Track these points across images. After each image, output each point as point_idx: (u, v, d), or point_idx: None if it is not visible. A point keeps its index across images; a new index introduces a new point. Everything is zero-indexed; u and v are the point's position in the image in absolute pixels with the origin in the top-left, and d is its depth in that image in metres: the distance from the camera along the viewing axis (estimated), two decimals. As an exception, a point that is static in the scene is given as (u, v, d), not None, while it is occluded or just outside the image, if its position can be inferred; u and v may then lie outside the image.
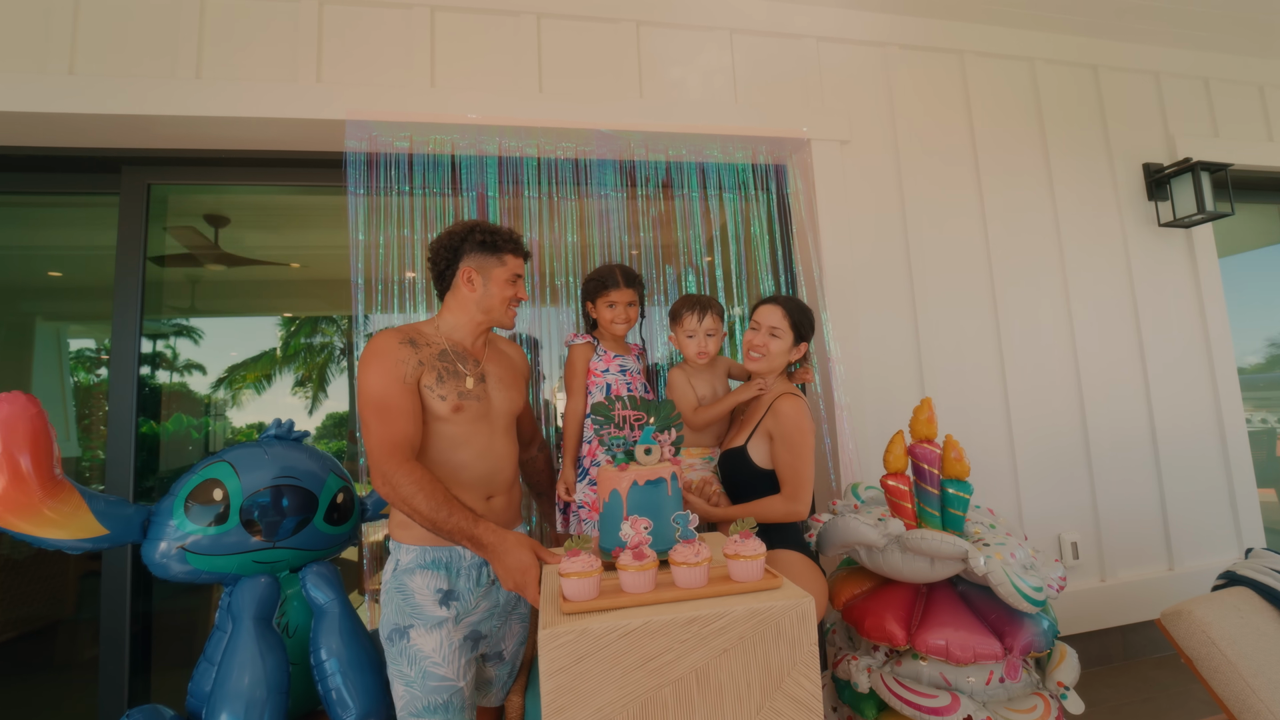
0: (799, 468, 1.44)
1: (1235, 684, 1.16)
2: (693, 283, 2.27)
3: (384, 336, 1.31)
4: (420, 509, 1.14)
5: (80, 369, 3.01)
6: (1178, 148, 2.75)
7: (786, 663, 0.81)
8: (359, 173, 2.03)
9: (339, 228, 3.39)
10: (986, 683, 1.40)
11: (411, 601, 1.25)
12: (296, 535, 1.45)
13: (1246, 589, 1.30)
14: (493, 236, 1.38)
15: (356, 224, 2.01)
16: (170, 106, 1.90)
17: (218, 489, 1.37)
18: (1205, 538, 2.60)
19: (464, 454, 1.33)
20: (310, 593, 1.42)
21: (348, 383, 3.60)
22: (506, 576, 1.09)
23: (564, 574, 0.84)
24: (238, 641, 1.27)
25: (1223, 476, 2.66)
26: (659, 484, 1.07)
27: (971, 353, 2.44)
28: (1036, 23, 2.62)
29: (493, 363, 1.45)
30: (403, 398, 1.25)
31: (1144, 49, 2.81)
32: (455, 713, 1.22)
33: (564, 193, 2.21)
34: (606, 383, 1.65)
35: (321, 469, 1.55)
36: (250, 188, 2.37)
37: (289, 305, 3.76)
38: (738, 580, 0.88)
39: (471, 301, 1.38)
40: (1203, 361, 2.71)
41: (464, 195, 2.14)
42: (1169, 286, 2.71)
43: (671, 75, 2.30)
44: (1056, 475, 2.47)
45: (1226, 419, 2.68)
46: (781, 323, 1.56)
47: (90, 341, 3.08)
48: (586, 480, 1.57)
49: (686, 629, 0.79)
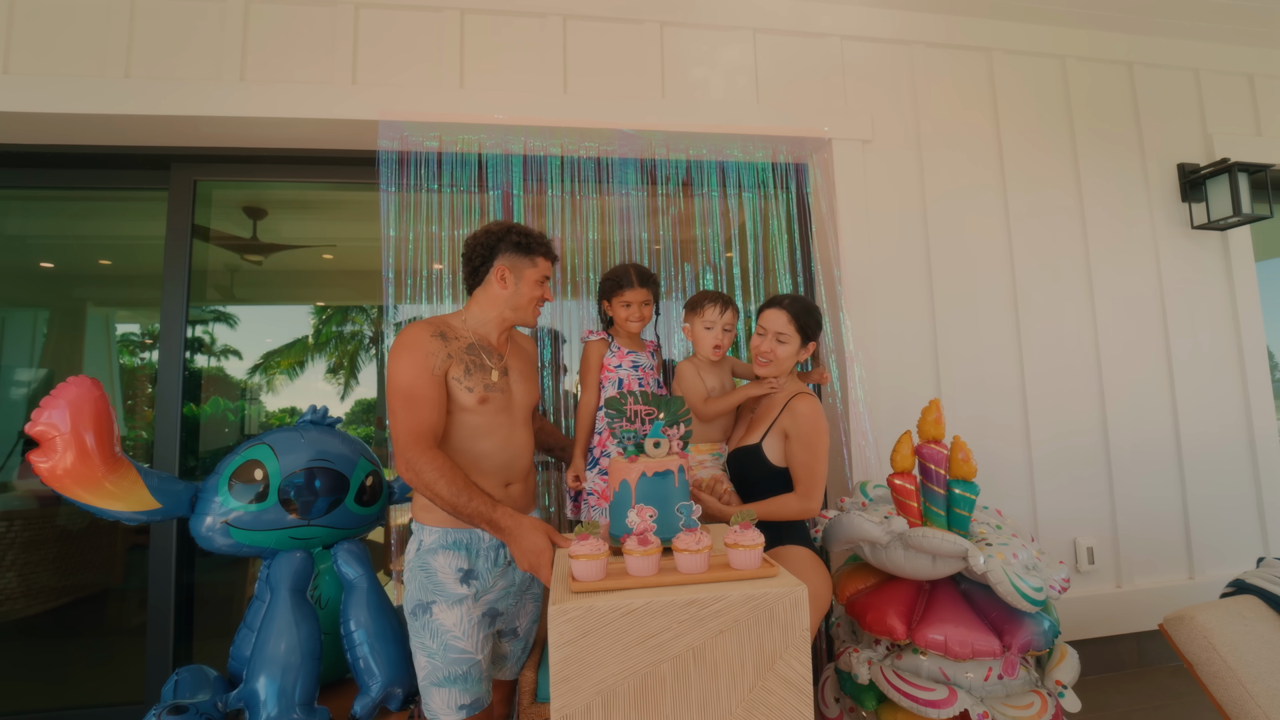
0: (814, 466, 1.48)
1: (1234, 690, 1.17)
2: (710, 281, 2.31)
3: (416, 329, 1.39)
4: (442, 494, 1.22)
5: (125, 353, 3.19)
6: (1215, 147, 2.68)
7: (779, 645, 0.86)
8: (390, 171, 2.12)
9: (369, 220, 3.51)
10: (985, 679, 1.43)
11: (434, 579, 1.33)
12: (329, 514, 1.55)
13: (1254, 597, 1.31)
14: (527, 239, 1.45)
15: (388, 220, 2.10)
16: (216, 108, 2.01)
17: (258, 469, 1.47)
18: (1229, 547, 2.55)
19: (486, 443, 1.41)
20: (341, 568, 1.52)
21: (376, 371, 3.74)
22: (522, 558, 1.17)
23: (573, 556, 0.91)
24: (275, 610, 1.37)
25: (1250, 485, 2.61)
26: (666, 476, 1.12)
27: (990, 354, 2.44)
28: (1070, 19, 2.58)
29: (514, 357, 1.52)
30: (430, 388, 1.32)
31: (1183, 44, 2.73)
32: (473, 683, 1.30)
33: (586, 191, 2.27)
34: (619, 378, 1.71)
35: (353, 453, 1.65)
36: (282, 183, 2.49)
37: (321, 294, 3.91)
38: (736, 568, 0.94)
39: (502, 299, 1.45)
40: (1234, 367, 2.64)
41: (490, 193, 2.21)
42: (1201, 290, 2.65)
43: (694, 75, 2.33)
44: (1074, 479, 2.45)
45: (1257, 426, 2.62)
46: (787, 327, 1.58)
47: (136, 326, 3.26)
48: (596, 470, 1.64)
49: (685, 610, 0.85)
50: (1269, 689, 1.16)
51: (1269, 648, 1.22)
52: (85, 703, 2.20)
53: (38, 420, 1.20)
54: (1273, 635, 1.24)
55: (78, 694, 2.35)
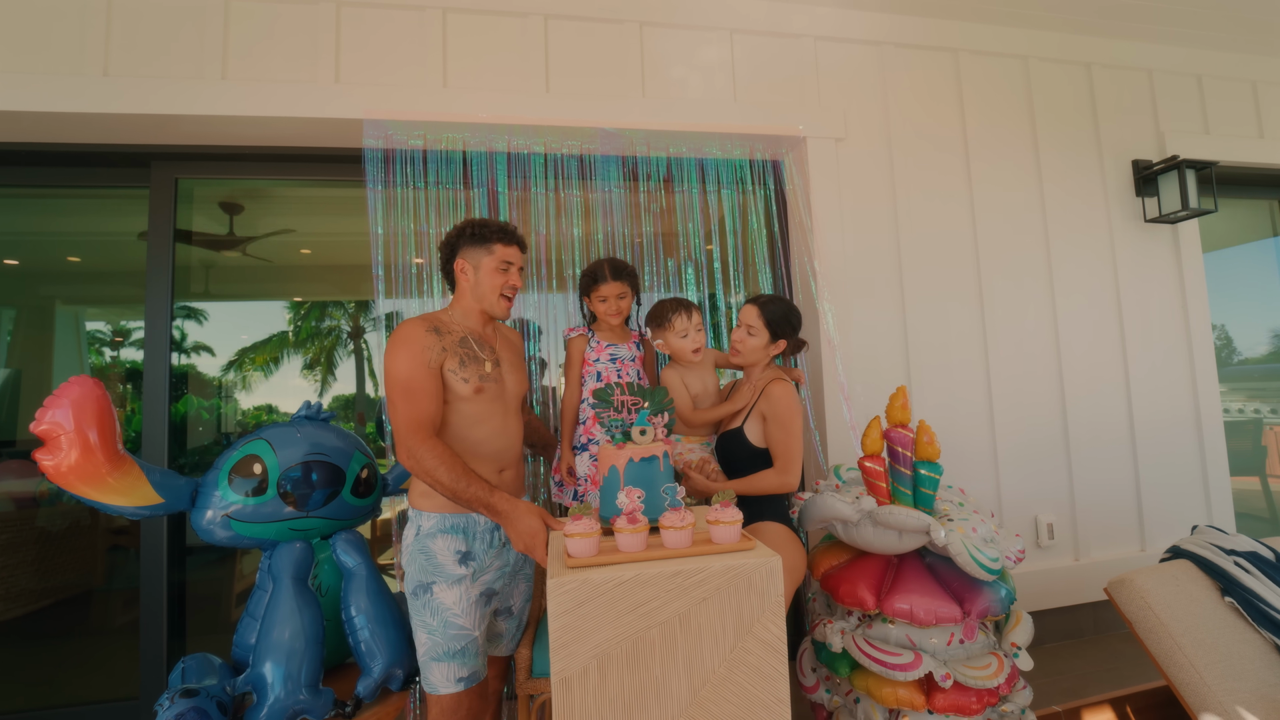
0: (789, 444, 1.59)
1: (1165, 642, 1.30)
2: (692, 275, 2.39)
3: (411, 325, 1.45)
4: (442, 480, 1.29)
5: (94, 351, 3.15)
6: (1167, 145, 2.83)
7: (756, 611, 0.95)
8: (377, 168, 2.15)
9: (347, 215, 3.51)
10: (947, 643, 1.55)
11: (434, 561, 1.40)
12: (326, 506, 1.60)
13: (1188, 561, 1.44)
14: (482, 229, 1.51)
15: (376, 217, 2.14)
16: (198, 106, 2.02)
17: (257, 464, 1.52)
18: (1177, 520, 2.73)
19: (481, 431, 1.48)
20: (340, 557, 1.58)
21: (355, 366, 3.76)
22: (518, 539, 1.24)
23: (569, 534, 0.99)
24: (278, 599, 1.43)
25: (1197, 462, 2.79)
26: (652, 461, 1.20)
27: (957, 343, 2.56)
28: (1031, 21, 2.69)
29: (504, 349, 1.59)
30: (427, 380, 1.39)
31: (1137, 46, 2.87)
32: (471, 657, 1.38)
33: (569, 188, 2.33)
34: (597, 370, 1.77)
35: (348, 447, 1.70)
36: (263, 180, 2.50)
37: (298, 290, 3.90)
38: (717, 542, 1.02)
39: (468, 291, 1.52)
40: (1183, 352, 2.82)
41: (475, 190, 2.26)
42: (1153, 281, 2.81)
43: (673, 74, 2.40)
44: (1035, 460, 2.60)
45: (1204, 409, 2.80)
46: (756, 321, 1.71)
47: (105, 324, 3.22)
48: (587, 455, 1.71)
49: (671, 580, 0.93)
50: (1195, 640, 1.29)
51: (1196, 604, 1.35)
52: (77, 700, 2.22)
53: (42, 419, 1.24)
54: (1201, 594, 1.37)
55: (67, 693, 2.36)
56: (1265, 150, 2.97)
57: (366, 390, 3.73)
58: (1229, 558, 1.41)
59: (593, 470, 1.71)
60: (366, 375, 3.82)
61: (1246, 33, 2.85)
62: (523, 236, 1.58)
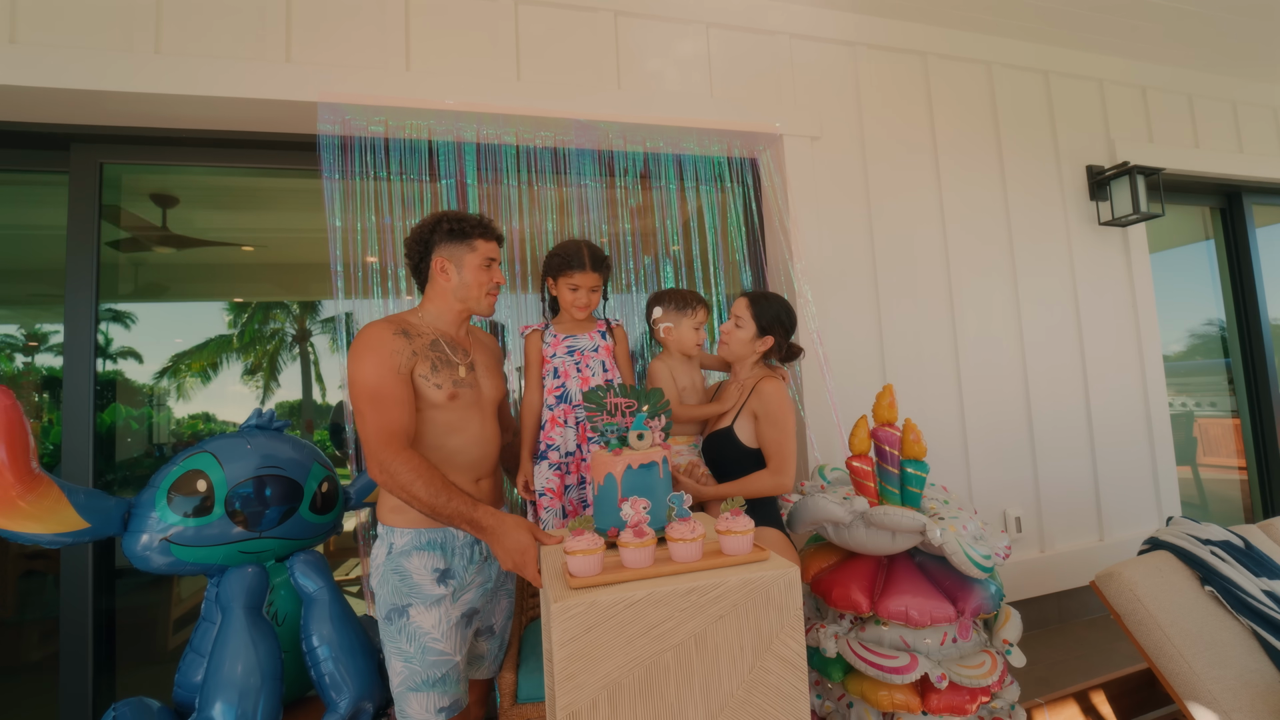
0: (783, 443, 1.54)
1: (1154, 634, 1.32)
2: (670, 272, 2.33)
3: (376, 328, 1.32)
4: (420, 495, 1.17)
5: (2, 358, 2.84)
6: (1117, 152, 2.96)
7: (775, 626, 0.89)
8: (333, 156, 1.99)
9: (296, 210, 3.29)
10: (941, 643, 1.54)
11: (409, 582, 1.28)
12: (282, 525, 1.45)
13: (1167, 552, 1.47)
14: (460, 224, 1.39)
15: (333, 209, 1.98)
16: (127, 82, 1.81)
17: (201, 480, 1.35)
18: (1131, 511, 2.86)
19: (457, 439, 1.37)
20: (299, 581, 1.43)
21: (301, 371, 3.54)
22: (505, 557, 1.14)
23: (570, 552, 0.90)
24: (229, 631, 1.27)
25: (1147, 456, 2.92)
26: (651, 467, 1.13)
27: (929, 342, 2.60)
28: (995, 28, 2.76)
29: (478, 352, 1.48)
30: (397, 387, 1.27)
31: (1090, 57, 2.99)
32: (452, 685, 1.26)
33: (543, 181, 2.23)
34: (554, 366, 1.62)
35: (305, 458, 1.55)
36: (202, 168, 2.28)
37: (240, 290, 3.63)
38: (729, 554, 0.96)
39: (449, 291, 1.40)
40: (1133, 351, 2.95)
41: (442, 182, 2.13)
42: (1106, 281, 2.93)
43: (649, 67, 2.33)
44: (1003, 456, 2.66)
45: (1152, 403, 2.94)
46: (745, 313, 1.67)
47: (17, 328, 2.90)
48: (546, 464, 1.58)
49: (686, 598, 0.86)
50: (1182, 630, 1.31)
51: (1180, 595, 1.37)
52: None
53: (-65, 435, 1.05)
54: (1183, 584, 1.40)
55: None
56: (1201, 159, 3.16)
57: (314, 396, 3.51)
58: (1205, 547, 1.45)
59: (553, 482, 1.60)
60: (314, 380, 3.61)
61: (1184, 48, 3.02)
62: (501, 230, 1.48)
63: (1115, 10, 2.65)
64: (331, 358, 3.60)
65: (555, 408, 1.60)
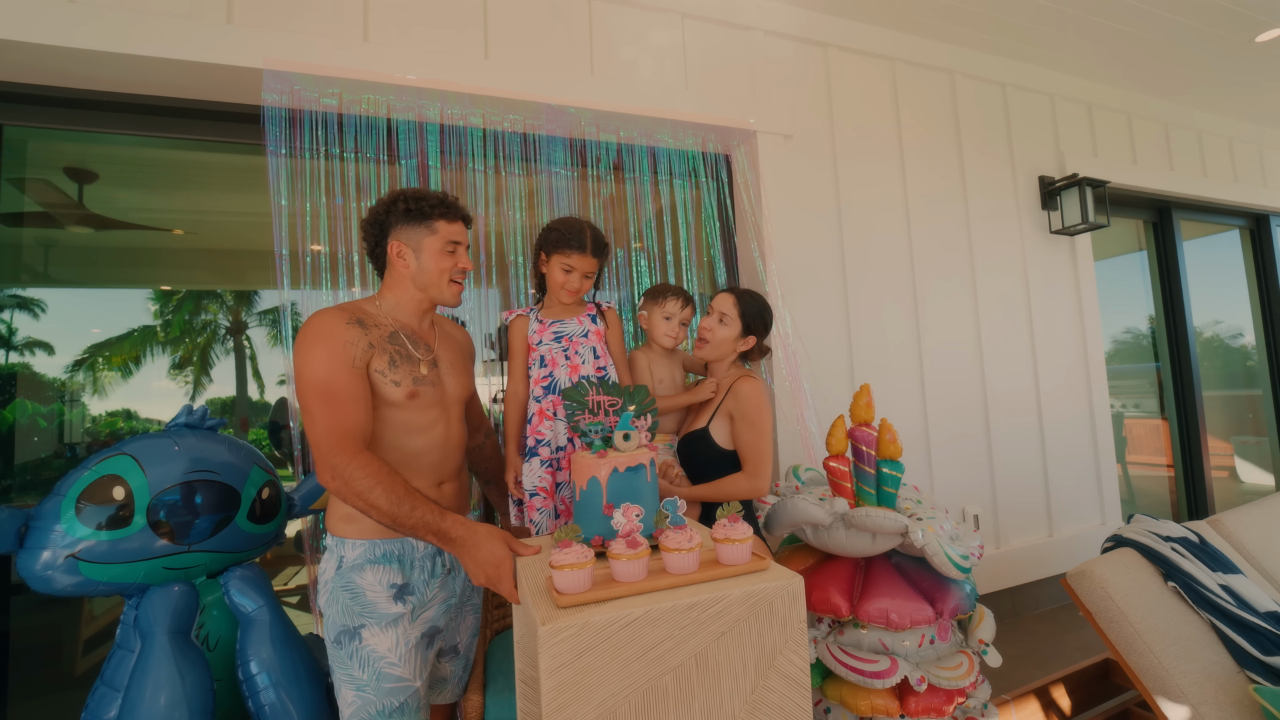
0: (760, 445, 1.49)
1: (1125, 630, 1.34)
2: (645, 266, 2.25)
3: (327, 316, 1.19)
4: (379, 504, 1.05)
5: None
6: (1066, 164, 3.10)
7: (778, 641, 0.83)
8: (279, 131, 1.81)
9: (235, 191, 3.03)
10: (919, 645, 1.53)
11: (362, 600, 1.15)
12: (215, 537, 1.29)
13: (1131, 550, 1.51)
14: (419, 203, 1.26)
15: (279, 188, 1.80)
16: (36, 31, 1.59)
17: (118, 486, 1.18)
18: (1076, 508, 2.99)
19: (417, 441, 1.25)
20: (235, 599, 1.27)
21: (235, 365, 3.29)
22: (477, 571, 1.03)
23: (556, 566, 0.81)
24: (150, 660, 1.11)
25: (1091, 455, 3.07)
26: (639, 470, 1.05)
27: (894, 344, 2.63)
28: (958, 38, 2.83)
29: (443, 346, 1.37)
30: (351, 383, 1.14)
31: (1043, 72, 3.12)
32: (411, 714, 1.14)
33: (511, 168, 2.11)
34: (540, 354, 1.52)
35: (243, 461, 1.39)
36: (126, 138, 2.05)
37: (168, 277, 3.33)
38: (727, 563, 0.89)
39: (407, 278, 1.28)
40: (1079, 355, 3.09)
41: (402, 163, 1.98)
42: (1055, 288, 3.06)
43: (623, 54, 2.25)
44: (962, 454, 2.73)
45: (1095, 404, 3.09)
46: (731, 310, 1.60)
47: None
48: (538, 461, 1.49)
49: (686, 615, 0.79)
50: (1150, 626, 1.34)
51: (1146, 591, 1.41)
52: None
53: None
54: (1148, 580, 1.44)
55: None
56: (1138, 175, 3.34)
57: (250, 392, 3.26)
58: (1166, 544, 1.50)
59: (545, 481, 1.50)
60: (250, 375, 3.35)
61: (1123, 71, 3.19)
62: (467, 210, 1.36)
63: (1065, 27, 2.76)
64: (270, 351, 3.34)
65: (543, 399, 1.50)
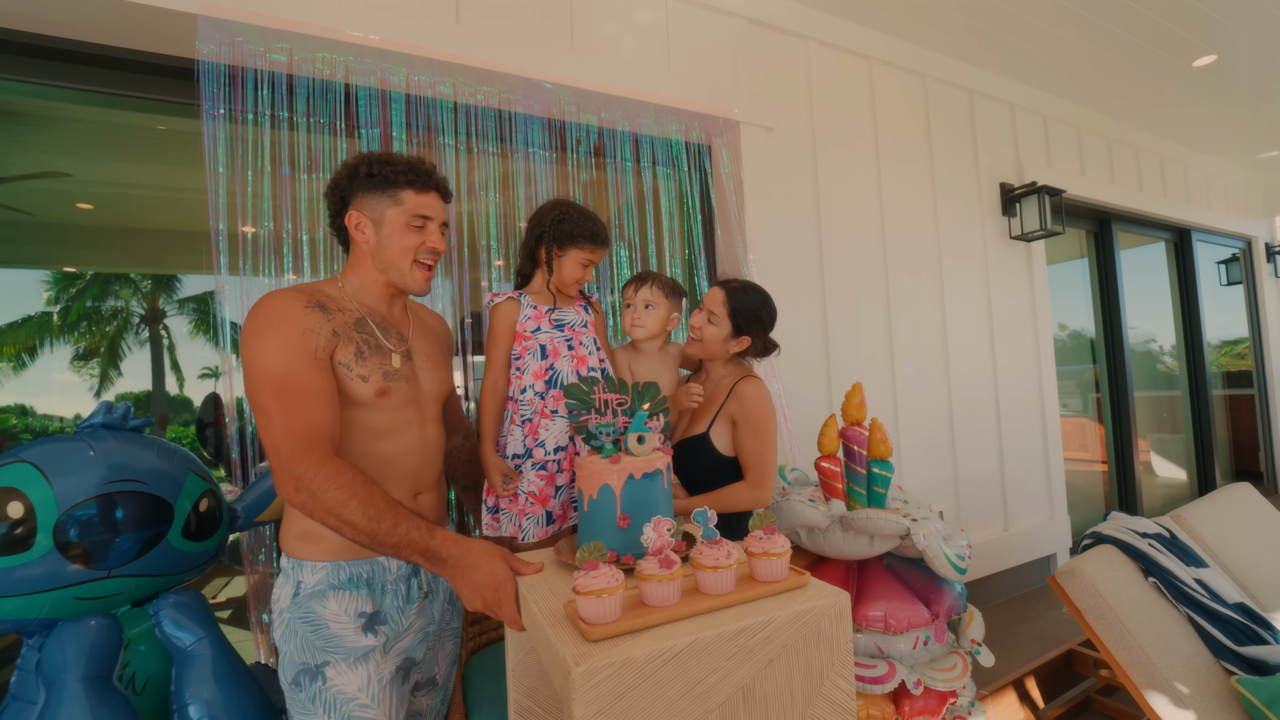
0: (764, 453, 1.40)
1: (1115, 627, 1.36)
2: (624, 255, 2.14)
3: (282, 299, 1.01)
4: (354, 520, 0.89)
5: None
6: (1025, 172, 3.21)
7: (826, 665, 0.75)
8: (217, 87, 1.58)
9: (155, 161, 2.70)
10: (913, 648, 1.51)
11: (325, 633, 0.99)
12: (142, 558, 1.09)
13: (1112, 547, 1.53)
14: (384, 167, 1.08)
15: (214, 153, 1.57)
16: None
17: (15, 502, 0.97)
18: (1028, 503, 3.12)
19: (389, 446, 1.09)
20: (169, 632, 1.08)
21: (151, 356, 2.95)
22: (474, 595, 0.90)
23: (583, 592, 0.69)
24: (59, 714, 0.91)
25: (1041, 452, 3.21)
26: (655, 476, 0.95)
27: (869, 342, 2.64)
28: (930, 41, 2.87)
29: (419, 337, 1.21)
30: (314, 376, 0.98)
31: (1005, 81, 3.22)
32: (387, 760, 1.00)
33: (485, 144, 1.95)
34: (539, 344, 1.37)
35: (175, 468, 1.19)
36: (19, 86, 1.75)
37: (71, 258, 2.94)
38: (763, 580, 0.81)
39: (368, 256, 1.11)
40: (1033, 356, 3.22)
41: (361, 134, 1.78)
42: (1013, 292, 3.17)
43: (605, 31, 2.13)
44: (929, 452, 2.78)
45: (1046, 404, 3.23)
46: (720, 308, 1.48)
47: None
48: (530, 463, 1.35)
49: (733, 643, 0.69)
50: (1138, 622, 1.36)
51: (1131, 587, 1.43)
52: None
53: None
54: (1131, 577, 1.47)
55: None
56: (1085, 186, 3.52)
57: (167, 387, 2.94)
58: (1144, 540, 1.54)
59: (535, 485, 1.36)
60: (168, 368, 3.01)
61: (1076, 85, 3.35)
62: (444, 179, 1.17)
63: (1029, 37, 2.85)
64: (192, 343, 3.02)
65: (546, 395, 1.35)
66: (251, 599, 1.57)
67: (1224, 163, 4.61)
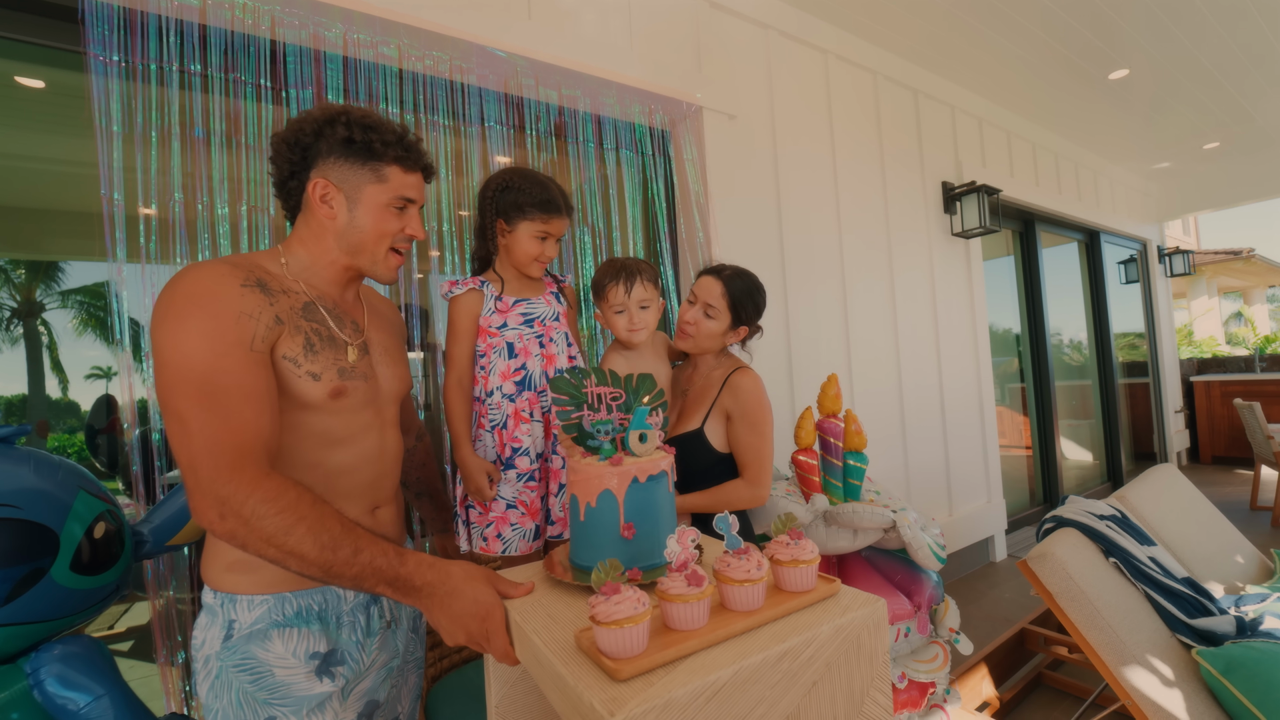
0: (761, 448, 1.33)
1: (1086, 608, 1.39)
2: (589, 241, 2.02)
3: (211, 271, 0.83)
4: (301, 550, 0.73)
5: None
6: (964, 172, 3.35)
7: (865, 681, 0.68)
8: (108, 34, 1.33)
9: (25, 128, 2.34)
10: (895, 640, 1.50)
11: (268, 682, 0.82)
12: (15, 602, 0.87)
13: (1074, 529, 1.58)
14: (369, 133, 0.90)
15: (107, 112, 1.32)
16: None
17: None
18: (968, 489, 3.26)
19: (343, 456, 0.93)
20: (54, 693, 0.86)
21: (26, 352, 2.57)
22: (455, 627, 0.76)
23: (604, 622, 0.59)
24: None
25: (979, 440, 3.37)
26: (660, 479, 0.85)
27: (827, 334, 2.65)
28: (881, 40, 2.92)
29: (374, 326, 1.04)
30: (248, 373, 0.80)
31: (945, 83, 3.34)
32: (349, 824, 0.84)
33: (434, 116, 1.77)
34: (507, 341, 1.25)
35: (61, 487, 0.97)
36: None
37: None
38: (791, 590, 0.73)
39: (329, 232, 0.93)
40: (971, 349, 3.37)
41: (289, 94, 1.56)
42: (953, 287, 3.30)
43: (564, 2, 1.99)
44: (883, 442, 2.83)
45: (983, 394, 3.39)
46: (719, 301, 1.38)
47: None
48: (515, 473, 1.22)
49: (777, 669, 0.61)
50: (1106, 602, 1.40)
51: (1095, 569, 1.48)
52: None
53: None
54: (1094, 558, 1.52)
55: None
56: (1015, 187, 3.73)
57: (47, 390, 2.55)
58: (1102, 522, 1.60)
59: (525, 496, 1.23)
60: (48, 368, 2.62)
61: (1007, 91, 3.53)
62: (430, 158, 1.01)
63: (970, 38, 2.96)
64: (79, 340, 2.62)
65: (518, 397, 1.22)
66: (158, 632, 1.34)
67: (1125, 171, 5.05)
